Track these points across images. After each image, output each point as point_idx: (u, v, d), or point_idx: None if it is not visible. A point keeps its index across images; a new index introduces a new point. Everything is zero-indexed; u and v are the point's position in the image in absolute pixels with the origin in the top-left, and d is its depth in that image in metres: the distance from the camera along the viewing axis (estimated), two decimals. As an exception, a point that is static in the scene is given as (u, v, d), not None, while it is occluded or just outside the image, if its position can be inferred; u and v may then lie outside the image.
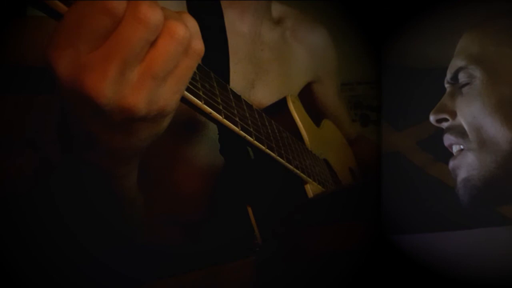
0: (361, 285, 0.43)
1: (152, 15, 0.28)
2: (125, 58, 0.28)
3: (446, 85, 0.50)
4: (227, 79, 0.61)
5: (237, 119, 0.45)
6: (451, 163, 0.49)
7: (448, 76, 0.50)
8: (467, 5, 0.53)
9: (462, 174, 0.47)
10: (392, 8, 0.54)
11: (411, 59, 0.56)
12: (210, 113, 0.40)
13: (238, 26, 0.66)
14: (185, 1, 0.60)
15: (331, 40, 0.86)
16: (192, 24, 0.31)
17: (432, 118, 0.50)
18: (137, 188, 0.41)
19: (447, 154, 0.52)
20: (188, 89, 0.36)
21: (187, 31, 0.30)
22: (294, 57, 0.77)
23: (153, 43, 0.29)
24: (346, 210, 0.51)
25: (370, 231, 0.47)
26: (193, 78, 0.37)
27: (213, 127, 0.59)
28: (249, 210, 0.55)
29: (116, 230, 0.44)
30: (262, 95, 0.68)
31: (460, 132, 0.48)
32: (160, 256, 0.54)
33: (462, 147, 0.48)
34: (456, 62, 0.49)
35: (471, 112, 0.47)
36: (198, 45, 0.31)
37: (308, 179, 0.58)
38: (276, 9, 0.76)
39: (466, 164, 0.47)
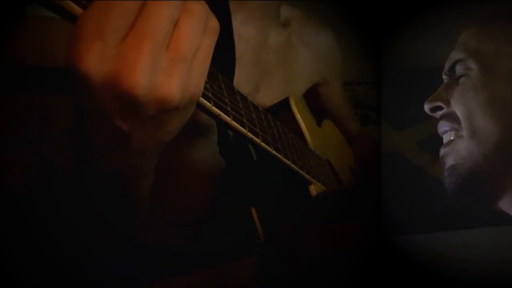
0: (362, 285, 0.43)
1: None
2: (154, 42, 0.27)
3: (444, 77, 0.51)
4: (231, 82, 0.61)
5: (244, 120, 0.44)
6: (442, 151, 0.49)
7: (446, 67, 0.50)
8: (467, 5, 0.53)
9: (449, 162, 0.48)
10: (391, 8, 0.54)
11: (411, 59, 0.57)
12: (219, 115, 0.39)
13: (245, 30, 0.66)
14: None
15: (336, 42, 0.86)
16: (203, 2, 0.31)
17: (426, 107, 0.50)
18: (150, 188, 0.41)
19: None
20: None
21: (203, 6, 0.30)
22: (299, 60, 0.77)
23: (175, 26, 0.29)
24: (346, 210, 0.51)
25: (371, 231, 0.47)
26: None
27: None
28: (253, 211, 0.55)
29: (121, 231, 0.44)
30: (267, 99, 0.68)
31: (455, 118, 0.48)
32: (163, 256, 0.54)
33: (452, 137, 0.48)
34: (455, 55, 0.49)
35: (464, 103, 0.47)
36: (214, 22, 0.31)
37: (313, 180, 0.58)
38: (284, 12, 0.76)
39: (455, 152, 0.47)
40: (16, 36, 0.46)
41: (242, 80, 0.63)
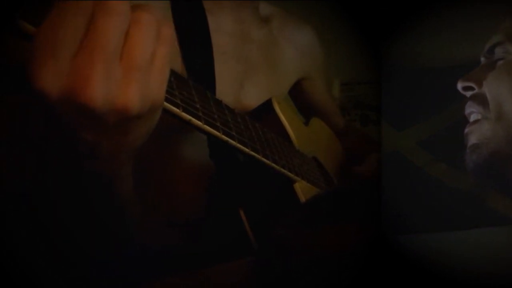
0: (362, 285, 0.43)
1: (119, 3, 0.28)
2: (105, 54, 0.28)
3: (482, 58, 0.51)
4: (212, 80, 0.61)
5: (218, 124, 0.45)
6: (467, 129, 0.50)
7: (485, 49, 0.51)
8: (466, 5, 0.53)
9: (472, 140, 0.48)
10: (391, 8, 0.54)
11: (411, 59, 0.57)
12: (190, 120, 0.40)
13: (225, 25, 0.66)
14: (169, 1, 0.60)
15: (317, 38, 0.87)
16: (157, 11, 0.32)
17: (459, 85, 0.51)
18: (133, 190, 0.42)
19: (447, 154, 0.52)
20: (165, 98, 0.36)
21: (151, 15, 0.31)
22: (283, 55, 0.78)
23: (126, 37, 0.29)
24: (346, 210, 0.51)
25: (370, 231, 0.47)
26: (169, 86, 0.37)
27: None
28: (241, 212, 0.55)
29: (114, 232, 0.44)
30: (252, 95, 0.68)
31: (482, 101, 0.48)
32: (157, 257, 0.54)
33: (479, 117, 0.49)
34: (496, 38, 0.50)
35: (496, 86, 0.48)
36: (167, 30, 0.32)
37: (296, 178, 0.58)
38: (263, 9, 0.77)
39: (479, 132, 0.48)
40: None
41: (225, 76, 0.63)
